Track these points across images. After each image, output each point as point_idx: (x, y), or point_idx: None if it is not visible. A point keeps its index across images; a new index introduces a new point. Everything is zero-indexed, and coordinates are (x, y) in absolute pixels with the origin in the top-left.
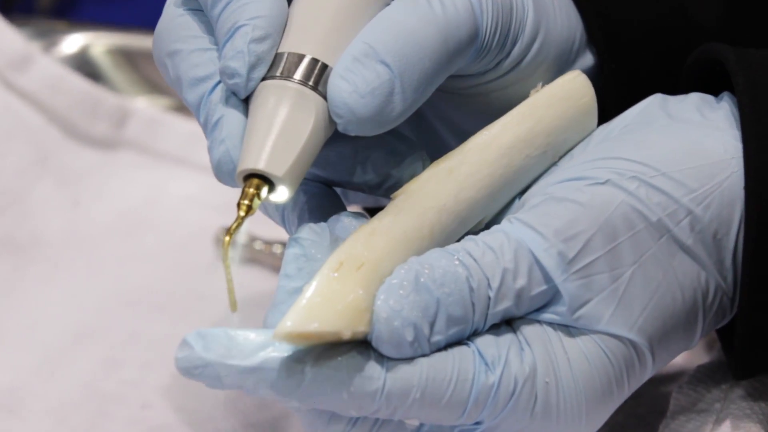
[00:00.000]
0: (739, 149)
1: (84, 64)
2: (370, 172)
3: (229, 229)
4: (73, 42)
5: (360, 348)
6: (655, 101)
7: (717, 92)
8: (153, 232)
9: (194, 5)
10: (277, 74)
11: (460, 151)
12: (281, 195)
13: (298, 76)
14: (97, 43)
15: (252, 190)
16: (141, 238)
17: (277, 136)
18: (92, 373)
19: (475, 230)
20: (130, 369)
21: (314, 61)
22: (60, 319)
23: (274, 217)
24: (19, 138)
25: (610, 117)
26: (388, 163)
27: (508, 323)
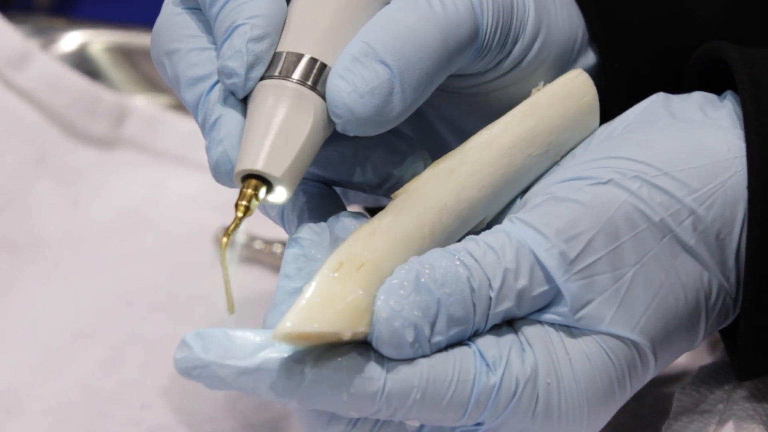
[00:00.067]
0: (743, 148)
1: (83, 62)
2: (370, 171)
3: (227, 230)
4: (71, 39)
5: (360, 349)
6: (658, 100)
7: (720, 91)
8: (152, 232)
9: (192, 4)
10: (276, 74)
11: (461, 150)
12: (279, 196)
13: (296, 75)
14: (95, 40)
15: (250, 190)
16: (140, 237)
17: (276, 137)
18: (91, 373)
19: (476, 230)
20: (129, 369)
21: (313, 61)
22: (58, 319)
23: (274, 217)
24: (17, 136)
25: (612, 116)
26: (388, 162)
27: (510, 324)
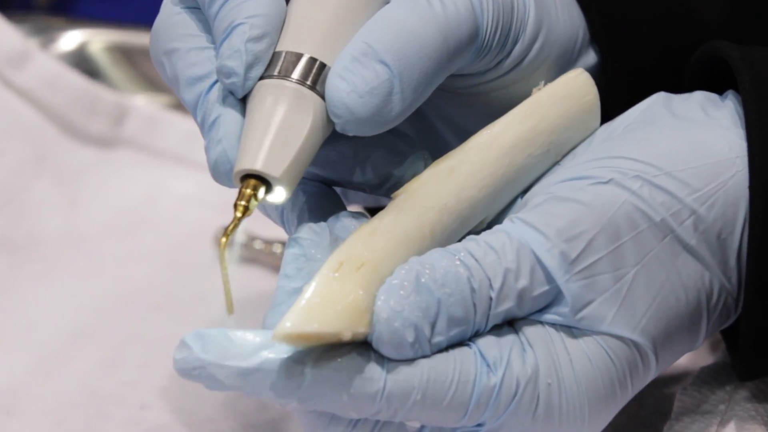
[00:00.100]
0: (744, 148)
1: (82, 61)
2: (370, 171)
3: (226, 231)
4: (71, 39)
5: (360, 349)
6: (659, 100)
7: (721, 90)
8: (152, 231)
9: (191, 3)
10: (275, 73)
11: (461, 150)
12: (278, 196)
13: (295, 75)
14: (95, 39)
15: (249, 190)
16: (139, 237)
17: (275, 136)
18: (90, 373)
19: (477, 230)
20: (128, 369)
21: (312, 60)
22: (57, 319)
23: (274, 216)
24: (16, 136)
25: (613, 116)
26: (389, 162)
27: (510, 324)
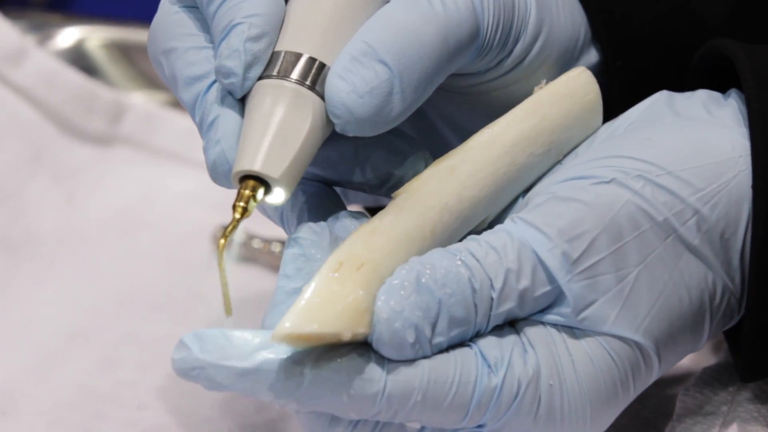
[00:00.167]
0: (747, 147)
1: (79, 59)
2: (370, 172)
3: (225, 232)
4: (68, 36)
5: (360, 350)
6: (661, 98)
7: (724, 89)
8: (149, 230)
9: (190, 2)
10: (274, 73)
11: (462, 149)
12: (277, 197)
13: (295, 75)
14: (92, 36)
15: (248, 191)
16: (137, 236)
17: (274, 137)
18: (87, 373)
19: (478, 230)
20: (125, 369)
21: (312, 60)
22: (54, 318)
23: (273, 217)
24: (13, 134)
25: (615, 114)
26: (389, 162)
27: (512, 324)
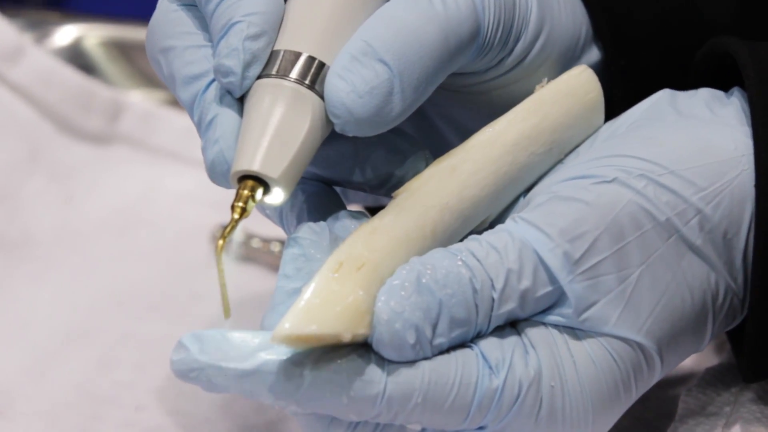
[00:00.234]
0: (750, 146)
1: (77, 57)
2: (370, 171)
3: (223, 233)
4: (66, 34)
5: (360, 351)
6: (664, 97)
7: (727, 87)
8: (147, 230)
9: (188, 0)
10: (273, 73)
11: (463, 148)
12: (276, 197)
13: (294, 74)
14: (90, 34)
15: (246, 191)
16: (135, 235)
17: (273, 137)
18: (85, 374)
19: (479, 229)
20: (123, 370)
21: (311, 60)
22: (52, 318)
23: (272, 217)
24: (10, 132)
25: (617, 113)
26: (389, 162)
27: (513, 325)
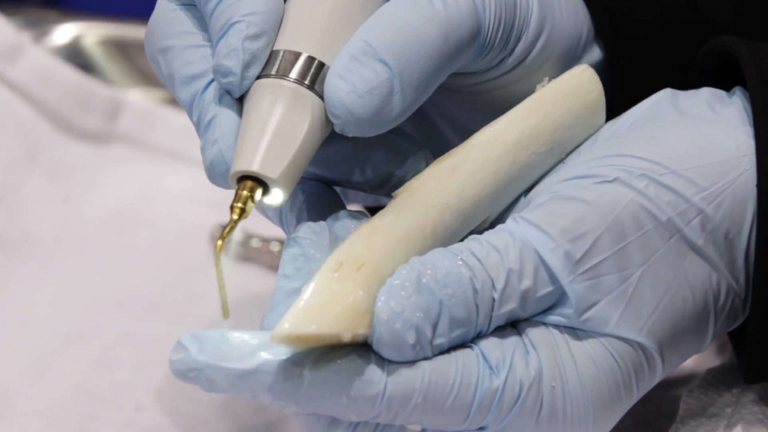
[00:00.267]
0: (752, 146)
1: (76, 55)
2: (370, 171)
3: (222, 233)
4: (64, 32)
5: (360, 351)
6: (665, 96)
7: (729, 87)
8: (146, 229)
9: (187, 0)
10: (273, 73)
11: (463, 148)
12: (276, 198)
13: (293, 74)
14: (89, 33)
15: (245, 192)
16: (134, 235)
17: (272, 137)
18: (83, 374)
19: (479, 229)
20: (122, 370)
21: (311, 60)
22: (50, 318)
23: (272, 217)
24: (8, 131)
25: (619, 113)
26: (390, 162)
27: (513, 325)
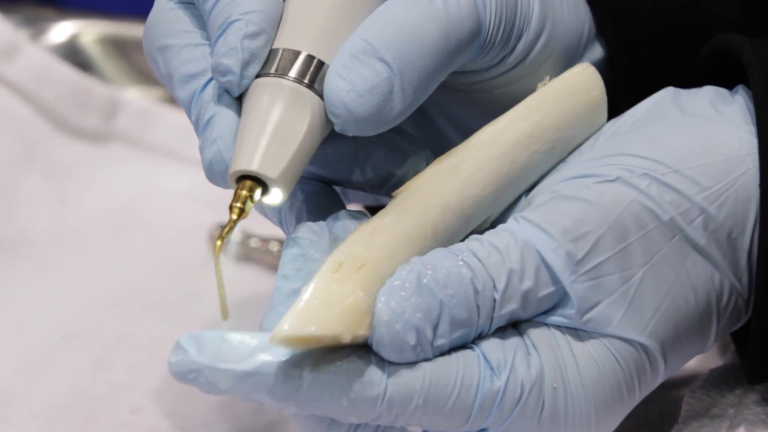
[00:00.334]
0: (755, 145)
1: (73, 54)
2: (370, 171)
3: (221, 234)
4: (62, 30)
5: (360, 352)
6: (667, 95)
7: (731, 85)
8: (144, 229)
9: None
10: (272, 71)
11: (464, 147)
12: (275, 197)
13: (293, 73)
14: (86, 31)
15: (245, 192)
16: (131, 235)
17: (271, 137)
18: (80, 375)
19: (480, 229)
20: (119, 371)
21: (310, 58)
22: (47, 319)
23: (271, 217)
24: (5, 130)
25: (620, 111)
26: (390, 161)
27: (515, 326)
